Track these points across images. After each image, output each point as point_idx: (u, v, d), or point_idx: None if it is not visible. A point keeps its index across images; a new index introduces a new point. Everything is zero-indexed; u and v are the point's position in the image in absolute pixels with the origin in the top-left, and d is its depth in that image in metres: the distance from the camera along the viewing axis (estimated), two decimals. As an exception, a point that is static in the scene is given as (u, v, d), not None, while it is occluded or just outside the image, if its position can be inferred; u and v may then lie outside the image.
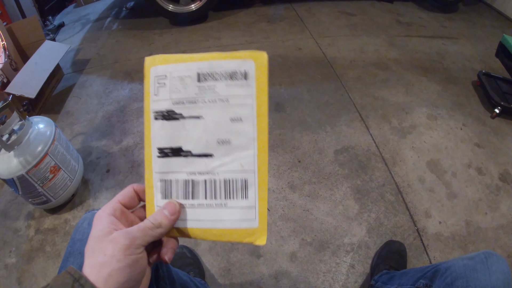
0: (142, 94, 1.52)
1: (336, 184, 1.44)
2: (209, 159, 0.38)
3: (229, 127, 0.37)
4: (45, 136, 1.23)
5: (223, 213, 0.38)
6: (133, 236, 0.36)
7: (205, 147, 0.38)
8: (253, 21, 2.73)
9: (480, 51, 2.37)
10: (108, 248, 0.35)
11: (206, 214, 0.38)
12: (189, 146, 0.38)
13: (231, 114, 0.37)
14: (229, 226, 0.38)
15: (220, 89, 0.37)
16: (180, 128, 0.38)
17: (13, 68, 1.82)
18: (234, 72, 0.37)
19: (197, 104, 0.37)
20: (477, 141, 1.65)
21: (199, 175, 0.38)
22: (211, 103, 0.37)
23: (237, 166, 0.38)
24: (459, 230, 1.29)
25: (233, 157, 0.38)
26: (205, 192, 0.38)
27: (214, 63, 0.37)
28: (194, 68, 0.38)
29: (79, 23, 2.93)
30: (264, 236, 0.38)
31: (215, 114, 0.37)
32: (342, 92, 1.94)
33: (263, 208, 0.38)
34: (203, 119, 0.37)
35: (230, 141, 0.37)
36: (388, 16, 2.79)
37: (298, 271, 1.17)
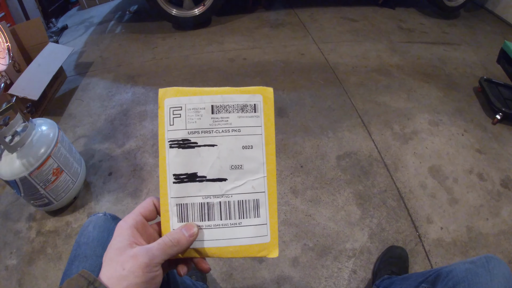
0: (144, 98, 1.54)
1: (338, 190, 1.45)
2: (223, 183, 0.42)
3: (241, 153, 0.42)
4: (48, 138, 1.24)
5: (237, 231, 0.42)
6: (152, 254, 0.37)
7: (219, 172, 0.41)
8: (256, 26, 2.75)
9: (482, 57, 2.38)
10: (128, 263, 0.36)
11: (222, 234, 0.41)
12: (204, 172, 0.41)
13: (242, 142, 0.42)
14: (244, 243, 0.42)
15: (233, 120, 0.42)
16: (195, 156, 0.41)
17: (16, 69, 1.83)
18: (245, 105, 0.42)
19: (212, 133, 0.41)
20: (479, 147, 1.65)
21: (214, 198, 0.41)
22: (224, 132, 0.41)
23: (249, 188, 0.42)
24: (460, 236, 1.29)
25: (245, 180, 0.42)
26: (220, 213, 0.41)
27: (226, 97, 0.42)
28: (208, 101, 0.41)
29: (82, 25, 2.94)
30: (276, 249, 0.42)
31: (228, 143, 0.42)
32: (345, 97, 1.95)
33: (274, 224, 0.42)
34: (217, 147, 0.41)
35: (242, 166, 0.42)
36: (390, 22, 2.80)
37: (300, 276, 1.16)
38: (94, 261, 0.59)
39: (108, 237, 0.63)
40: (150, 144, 1.67)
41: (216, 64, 2.27)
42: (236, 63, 2.28)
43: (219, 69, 2.22)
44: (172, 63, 2.31)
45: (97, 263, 0.59)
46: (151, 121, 1.81)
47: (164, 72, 2.22)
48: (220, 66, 2.25)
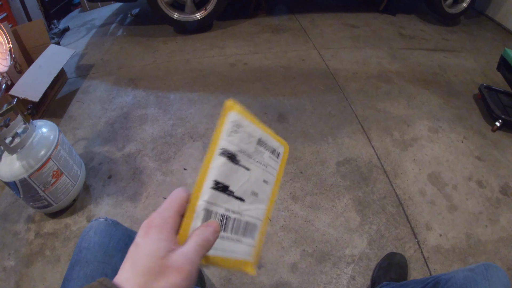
0: (145, 101, 1.55)
1: (338, 196, 1.45)
2: (241, 203, 0.46)
3: (261, 184, 0.49)
4: (49, 141, 1.24)
5: (237, 246, 0.46)
6: (193, 261, 0.35)
7: (243, 193, 0.46)
8: (257, 31, 2.76)
9: (482, 64, 2.40)
10: (172, 276, 0.33)
11: (228, 245, 0.45)
12: (234, 188, 0.45)
13: (265, 176, 0.49)
14: (239, 257, 0.46)
15: (265, 157, 0.49)
16: (234, 171, 0.45)
17: (18, 70, 1.83)
18: (275, 150, 0.51)
19: (251, 159, 0.47)
20: (478, 154, 1.66)
21: (232, 213, 0.45)
22: (258, 163, 0.48)
23: (254, 213, 0.48)
24: (459, 243, 1.29)
25: (255, 206, 0.48)
26: (232, 227, 0.45)
27: (268, 136, 0.49)
28: (259, 133, 0.48)
29: (84, 28, 2.95)
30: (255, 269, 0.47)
31: (257, 172, 0.48)
32: (345, 104, 1.95)
33: (259, 247, 0.49)
34: (250, 172, 0.47)
35: (258, 195, 0.48)
36: (391, 29, 2.82)
37: (299, 282, 1.16)
38: (95, 266, 0.59)
39: (110, 243, 0.63)
40: (150, 148, 1.68)
41: (217, 69, 2.28)
42: (237, 68, 2.29)
43: (220, 73, 2.23)
44: (173, 67, 2.32)
45: (98, 269, 0.59)
46: (152, 124, 1.82)
47: (165, 75, 2.22)
48: (221, 71, 2.25)
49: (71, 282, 0.57)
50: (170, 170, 1.57)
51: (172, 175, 1.54)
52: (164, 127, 1.80)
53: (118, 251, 0.62)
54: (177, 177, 1.53)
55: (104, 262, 0.60)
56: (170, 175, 1.55)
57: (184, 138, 1.73)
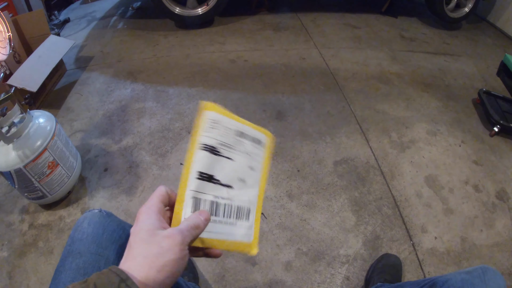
0: (144, 95, 1.55)
1: (334, 195, 1.44)
2: (230, 189, 0.51)
3: (247, 171, 0.53)
4: (45, 131, 1.23)
5: (233, 229, 0.51)
6: (184, 234, 0.41)
7: (230, 180, 0.51)
8: (258, 28, 2.75)
9: (482, 69, 2.40)
10: (165, 242, 0.39)
11: (222, 228, 0.49)
12: (219, 177, 0.49)
13: (250, 163, 0.53)
14: (235, 239, 0.51)
15: (247, 146, 0.54)
16: (217, 162, 0.49)
17: (16, 60, 1.82)
18: (257, 139, 0.55)
19: (232, 149, 0.51)
20: (475, 158, 1.66)
21: (221, 199, 0.49)
22: (241, 152, 0.52)
23: (246, 198, 0.53)
24: (454, 246, 1.29)
25: (245, 191, 0.53)
26: (224, 212, 0.50)
27: (248, 128, 0.54)
28: (236, 126, 0.52)
29: (84, 20, 2.94)
30: (256, 248, 0.53)
31: (241, 160, 0.52)
32: (344, 103, 1.95)
33: (257, 229, 0.54)
34: (233, 161, 0.51)
35: (245, 180, 0.53)
36: (392, 31, 2.82)
37: (293, 281, 1.16)
38: (88, 258, 0.58)
39: (103, 234, 0.62)
40: (147, 142, 1.67)
41: (217, 65, 2.27)
42: (237, 64, 2.28)
43: (220, 69, 2.22)
44: (173, 61, 2.31)
45: (91, 260, 0.58)
46: (149, 118, 1.81)
47: (164, 70, 2.21)
48: (221, 67, 2.25)
49: (63, 274, 0.57)
50: (166, 164, 1.56)
51: (169, 170, 1.53)
52: (162, 121, 1.79)
53: (111, 242, 0.62)
54: (173, 171, 1.53)
55: (97, 254, 0.59)
56: (166, 169, 1.54)
57: (181, 133, 1.72)
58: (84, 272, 0.56)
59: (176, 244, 0.39)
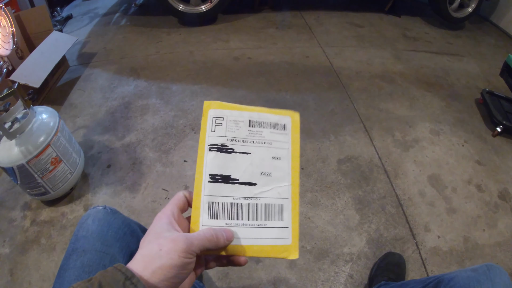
0: (147, 92, 1.53)
1: (338, 194, 1.44)
2: (253, 187, 0.46)
3: (270, 163, 0.47)
4: (48, 127, 1.22)
5: (263, 232, 0.45)
6: (191, 242, 0.39)
7: (250, 177, 0.46)
8: (262, 26, 2.75)
9: (485, 69, 2.39)
10: (166, 245, 0.38)
11: (249, 233, 0.45)
12: (237, 175, 0.46)
13: (272, 154, 0.48)
14: (267, 243, 0.45)
15: (265, 134, 0.48)
16: (231, 160, 0.46)
17: (19, 56, 1.81)
18: (276, 123, 0.49)
19: (247, 143, 0.47)
20: (478, 158, 1.66)
21: (243, 199, 0.45)
22: (258, 143, 0.47)
23: (275, 193, 0.47)
24: (457, 246, 1.29)
25: (272, 186, 0.47)
26: (248, 214, 0.45)
27: (262, 115, 0.48)
28: (246, 116, 0.48)
29: (87, 16, 2.93)
30: (296, 251, 0.46)
31: (260, 152, 0.47)
32: (347, 102, 1.95)
33: (295, 228, 0.46)
34: (251, 155, 0.47)
35: (271, 174, 0.47)
36: (396, 30, 2.81)
37: (297, 279, 1.16)
38: (93, 255, 0.57)
39: (108, 231, 0.61)
40: (150, 138, 1.66)
41: (220, 62, 2.26)
42: (240, 62, 2.28)
43: (223, 67, 2.21)
44: (176, 58, 2.30)
45: (96, 258, 0.57)
46: (153, 115, 1.80)
47: (168, 67, 2.21)
48: (224, 64, 2.24)
49: (67, 272, 0.56)
50: (170, 161, 1.56)
51: (172, 167, 1.53)
52: (166, 118, 1.79)
53: (116, 240, 0.61)
54: (177, 168, 1.52)
55: (102, 251, 0.58)
56: (170, 166, 1.53)
57: (185, 130, 1.72)
58: (89, 270, 0.56)
59: (177, 250, 0.37)
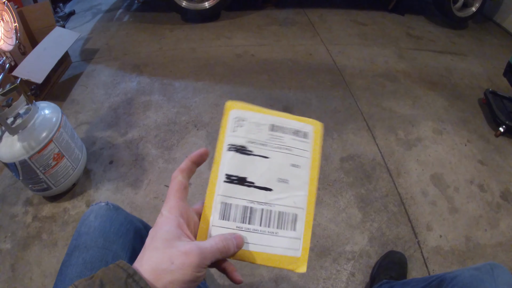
0: (149, 88, 1.53)
1: (341, 192, 1.44)
2: (268, 193, 0.44)
3: (289, 170, 0.45)
4: (51, 122, 1.22)
5: (273, 240, 0.43)
6: (205, 257, 0.36)
7: (267, 182, 0.44)
8: (265, 23, 2.74)
9: (488, 69, 2.38)
10: (178, 259, 0.35)
11: (259, 239, 0.43)
12: (253, 179, 0.44)
13: (292, 161, 0.46)
14: (276, 252, 0.43)
15: (286, 140, 0.46)
16: (249, 162, 0.44)
17: (22, 52, 1.81)
18: (298, 131, 0.47)
19: (267, 146, 0.45)
20: (481, 158, 1.65)
21: (257, 204, 0.44)
22: (278, 148, 0.46)
23: (290, 202, 0.45)
24: (458, 245, 1.29)
25: (288, 194, 0.45)
26: (261, 219, 0.43)
27: (284, 120, 0.47)
28: (269, 120, 0.47)
29: (90, 12, 2.92)
30: (304, 265, 0.44)
31: (279, 158, 0.45)
32: (350, 100, 1.94)
33: (307, 240, 0.44)
34: (269, 159, 0.45)
35: (288, 181, 0.45)
36: (399, 28, 2.80)
37: (298, 276, 1.16)
38: (95, 252, 0.57)
39: (111, 228, 0.61)
40: (153, 135, 1.66)
41: (223, 59, 2.26)
42: (243, 59, 2.27)
43: (226, 64, 2.21)
44: (179, 54, 2.30)
45: (98, 254, 0.57)
46: (155, 111, 1.80)
47: (170, 63, 2.20)
48: (227, 61, 2.24)
49: (69, 268, 0.55)
50: (172, 157, 1.56)
51: (175, 163, 1.53)
52: (168, 114, 1.79)
53: (119, 236, 0.61)
54: (179, 165, 1.51)
55: (105, 248, 0.58)
56: (172, 162, 1.53)
57: (188, 127, 1.71)
58: (91, 267, 0.55)
59: (190, 265, 0.35)
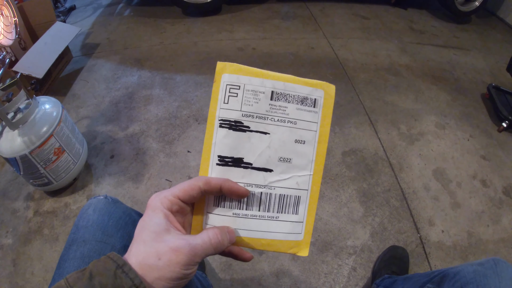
0: (150, 82, 1.52)
1: (342, 186, 1.43)
2: (268, 174, 0.40)
3: (292, 147, 0.40)
4: (51, 117, 1.22)
5: (273, 225, 0.40)
6: (195, 254, 0.34)
7: (267, 162, 0.39)
8: (266, 17, 2.72)
9: (491, 64, 2.36)
10: (166, 255, 0.33)
11: (258, 225, 0.40)
12: (251, 159, 0.39)
13: (296, 136, 0.40)
14: (277, 237, 0.40)
15: (291, 111, 0.39)
16: (245, 140, 0.39)
17: (22, 47, 1.80)
18: (305, 98, 0.40)
19: (267, 120, 0.39)
20: (483, 153, 1.64)
21: (256, 187, 0.39)
22: (280, 122, 0.39)
23: (293, 184, 0.40)
24: (460, 240, 1.28)
25: (291, 175, 0.40)
26: (260, 204, 0.40)
27: (288, 85, 0.40)
28: (269, 86, 0.39)
29: (90, 7, 2.91)
30: (307, 248, 0.41)
31: (281, 133, 0.39)
32: (353, 94, 1.93)
33: (310, 223, 0.41)
34: (270, 135, 0.39)
35: (291, 160, 0.40)
36: (402, 22, 2.78)
37: (300, 271, 1.16)
38: (93, 245, 0.57)
39: (109, 221, 0.61)
40: (154, 129, 1.66)
41: (225, 53, 2.25)
42: (245, 52, 2.26)
43: (227, 57, 2.20)
44: (180, 48, 2.29)
45: (96, 248, 0.56)
46: (156, 105, 1.79)
47: (171, 57, 2.19)
48: (228, 55, 2.22)
49: (67, 262, 0.55)
50: (173, 152, 1.55)
51: (176, 157, 1.53)
52: (169, 108, 1.78)
53: (117, 230, 0.60)
54: (180, 159, 1.52)
55: (103, 241, 0.58)
56: (173, 156, 1.53)
57: (189, 121, 1.71)
58: (89, 261, 0.55)
59: (178, 263, 0.33)
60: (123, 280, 0.32)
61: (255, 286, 1.12)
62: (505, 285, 0.60)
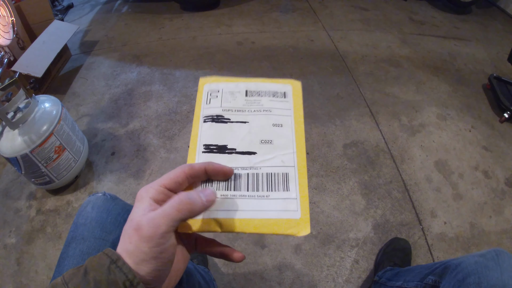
0: (150, 78, 1.52)
1: (344, 178, 1.43)
2: (252, 156, 0.42)
3: (271, 130, 0.44)
4: (51, 116, 1.22)
5: (265, 203, 0.39)
6: (156, 224, 0.33)
7: (249, 146, 0.43)
8: (265, 10, 2.70)
9: (492, 54, 2.34)
10: (133, 236, 0.33)
11: (248, 204, 0.39)
12: (234, 145, 0.43)
13: (273, 121, 0.45)
14: (271, 216, 0.39)
15: (264, 102, 0.46)
16: (227, 130, 0.44)
17: (20, 46, 1.79)
18: (276, 92, 0.47)
19: (244, 112, 0.45)
20: (485, 144, 1.63)
21: (242, 169, 0.41)
22: (256, 111, 0.45)
23: (278, 162, 0.42)
24: (463, 232, 1.28)
25: (274, 154, 0.43)
26: (247, 184, 0.41)
27: (260, 84, 0.47)
28: (242, 86, 0.47)
29: (88, 4, 2.90)
30: (308, 227, 0.39)
31: (259, 120, 0.44)
32: (353, 86, 1.92)
33: (305, 199, 0.40)
34: (249, 123, 0.44)
35: (272, 141, 0.43)
36: (402, 13, 2.75)
37: (302, 264, 1.16)
38: (92, 243, 0.57)
39: (108, 218, 0.61)
40: (154, 125, 1.66)
41: (224, 47, 2.24)
42: (244, 46, 2.25)
43: (226, 51, 2.19)
44: (179, 44, 2.28)
45: (95, 245, 0.56)
46: (156, 101, 1.79)
47: (170, 52, 2.19)
48: (228, 49, 2.21)
49: (66, 260, 0.55)
50: (174, 147, 1.55)
51: (176, 152, 1.53)
52: (169, 104, 1.78)
53: (116, 226, 0.60)
54: (181, 154, 1.52)
55: (102, 239, 0.58)
56: (174, 152, 1.53)
57: (189, 116, 1.71)
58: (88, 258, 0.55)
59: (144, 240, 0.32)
60: (117, 274, 0.32)
61: (257, 280, 1.12)
62: (507, 276, 0.60)
